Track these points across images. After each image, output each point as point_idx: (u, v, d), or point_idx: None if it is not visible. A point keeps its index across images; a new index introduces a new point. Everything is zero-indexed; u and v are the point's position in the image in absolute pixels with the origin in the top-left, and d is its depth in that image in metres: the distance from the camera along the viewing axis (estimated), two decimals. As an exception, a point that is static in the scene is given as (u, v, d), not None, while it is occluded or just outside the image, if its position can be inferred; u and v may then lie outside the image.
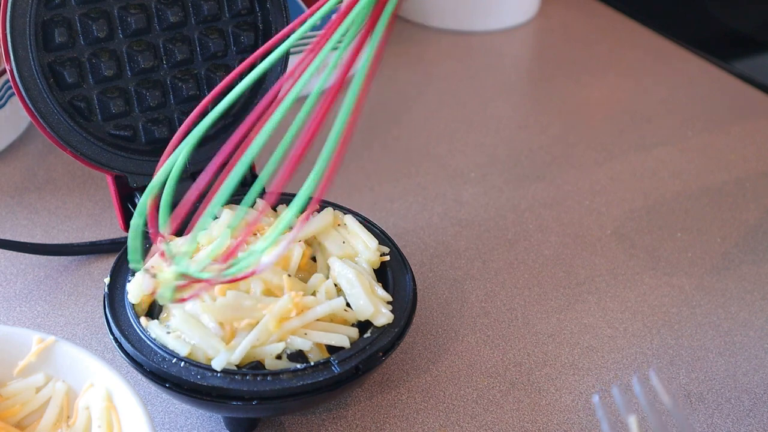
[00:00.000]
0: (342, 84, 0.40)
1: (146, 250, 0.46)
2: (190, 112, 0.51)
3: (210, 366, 0.40)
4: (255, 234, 0.47)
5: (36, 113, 0.47)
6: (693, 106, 0.72)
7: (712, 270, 0.55)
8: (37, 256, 0.53)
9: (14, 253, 0.53)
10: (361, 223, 0.48)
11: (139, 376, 0.41)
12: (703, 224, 0.59)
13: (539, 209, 0.60)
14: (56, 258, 0.53)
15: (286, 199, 0.50)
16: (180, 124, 0.51)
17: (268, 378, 0.40)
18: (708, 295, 0.53)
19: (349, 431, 0.44)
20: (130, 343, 0.41)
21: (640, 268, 0.55)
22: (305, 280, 0.45)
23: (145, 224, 0.48)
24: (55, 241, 0.55)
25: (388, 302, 0.44)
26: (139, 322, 0.42)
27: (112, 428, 0.36)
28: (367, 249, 0.46)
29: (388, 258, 0.47)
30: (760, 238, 0.58)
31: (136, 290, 0.43)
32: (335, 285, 0.45)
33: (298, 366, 0.40)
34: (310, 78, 0.42)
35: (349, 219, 0.48)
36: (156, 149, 0.50)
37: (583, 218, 0.59)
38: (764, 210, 0.61)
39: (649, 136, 0.68)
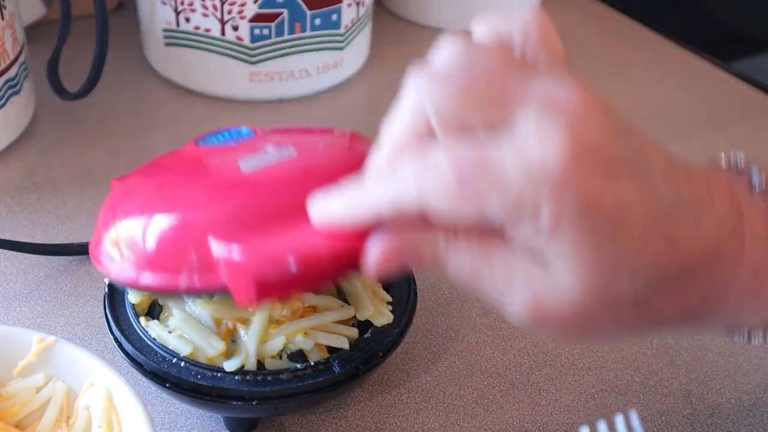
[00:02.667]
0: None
1: None
2: None
3: (210, 366, 0.40)
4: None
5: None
6: (693, 106, 0.72)
7: (712, 270, 0.55)
8: (37, 256, 0.53)
9: (14, 253, 0.53)
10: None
11: (139, 376, 0.41)
12: (703, 224, 0.59)
13: (539, 209, 0.60)
14: (56, 258, 0.53)
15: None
16: None
17: (269, 378, 0.40)
18: (708, 295, 0.53)
19: (349, 431, 0.44)
20: (130, 343, 0.41)
21: (640, 268, 0.55)
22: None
23: None
24: (55, 241, 0.55)
25: (388, 302, 0.44)
26: (139, 322, 0.42)
27: (112, 428, 0.36)
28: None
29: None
30: (760, 238, 0.58)
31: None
32: (335, 284, 0.45)
33: (299, 366, 0.40)
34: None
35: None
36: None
37: (583, 218, 0.59)
38: (764, 210, 0.61)
39: (649, 136, 0.68)
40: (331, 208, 0.33)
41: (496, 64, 0.32)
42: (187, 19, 0.66)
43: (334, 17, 0.68)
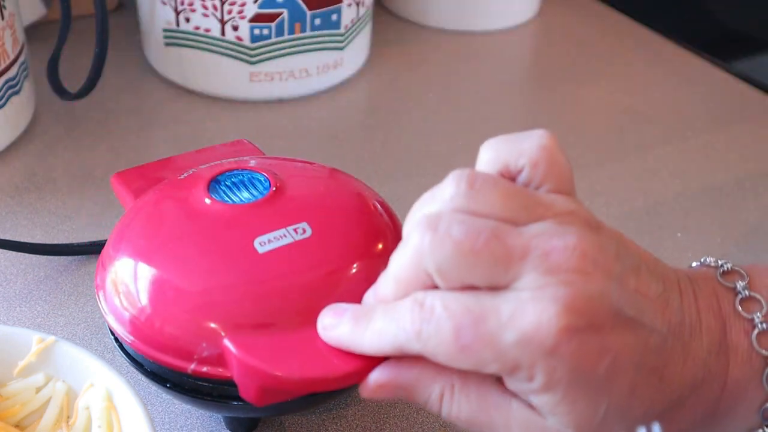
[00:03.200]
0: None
1: None
2: None
3: (210, 366, 0.40)
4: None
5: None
6: (693, 106, 0.72)
7: (712, 270, 0.55)
8: (37, 256, 0.53)
9: (14, 253, 0.53)
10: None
11: (140, 376, 0.41)
12: (703, 224, 0.59)
13: (539, 209, 0.60)
14: (56, 258, 0.53)
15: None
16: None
17: (269, 378, 0.40)
18: (708, 295, 0.53)
19: (349, 431, 0.44)
20: (130, 343, 0.41)
21: (640, 268, 0.55)
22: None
23: None
24: (55, 241, 0.55)
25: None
26: (139, 323, 0.42)
27: (112, 428, 0.36)
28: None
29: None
30: (760, 238, 0.58)
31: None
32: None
33: (299, 366, 0.40)
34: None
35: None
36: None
37: (583, 218, 0.59)
38: (764, 210, 0.61)
39: (649, 136, 0.68)
40: (338, 333, 0.35)
41: (499, 209, 0.33)
42: (187, 19, 0.66)
43: (334, 17, 0.68)
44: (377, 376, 0.34)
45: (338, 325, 0.35)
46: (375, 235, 0.41)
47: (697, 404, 0.34)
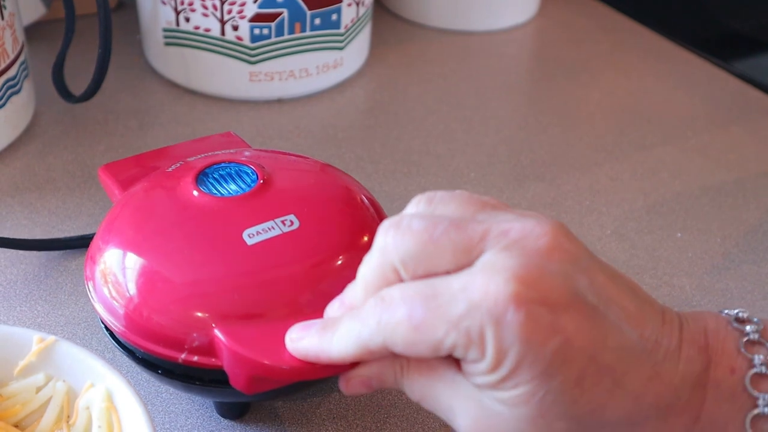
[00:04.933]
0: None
1: None
2: None
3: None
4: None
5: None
6: (693, 106, 0.72)
7: (712, 270, 0.55)
8: (38, 256, 0.53)
9: (15, 253, 0.53)
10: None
11: (140, 376, 0.41)
12: (703, 224, 0.59)
13: (539, 209, 0.60)
14: (56, 258, 0.53)
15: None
16: None
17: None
18: (708, 295, 0.53)
19: (349, 431, 0.44)
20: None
21: (640, 268, 0.55)
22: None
23: None
24: (55, 241, 0.55)
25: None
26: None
27: (112, 428, 0.36)
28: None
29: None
30: (760, 238, 0.58)
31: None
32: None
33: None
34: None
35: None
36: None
37: (583, 218, 0.59)
38: (764, 210, 0.61)
39: (649, 136, 0.68)
40: (306, 344, 0.35)
41: (457, 212, 0.34)
42: (187, 19, 0.66)
43: (334, 17, 0.68)
44: (348, 373, 0.35)
45: (305, 336, 0.35)
46: (361, 227, 0.41)
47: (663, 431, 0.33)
